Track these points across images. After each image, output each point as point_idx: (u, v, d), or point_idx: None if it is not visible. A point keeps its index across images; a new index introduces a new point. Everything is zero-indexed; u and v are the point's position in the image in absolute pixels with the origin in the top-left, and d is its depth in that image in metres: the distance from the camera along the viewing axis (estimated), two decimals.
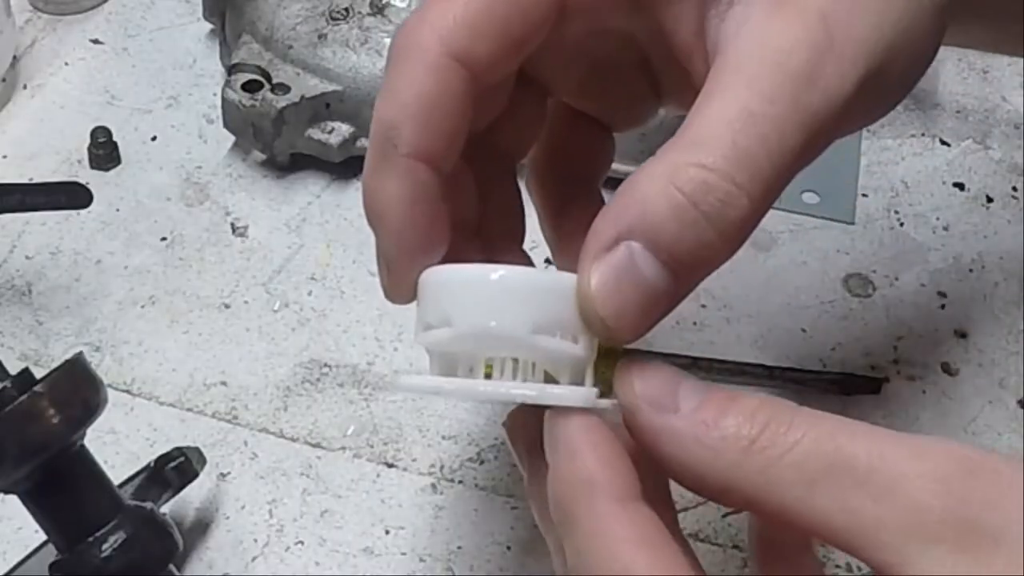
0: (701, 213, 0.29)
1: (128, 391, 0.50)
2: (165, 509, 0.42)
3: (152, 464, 0.44)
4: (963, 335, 0.53)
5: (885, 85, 0.32)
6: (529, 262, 0.39)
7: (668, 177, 0.29)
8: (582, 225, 0.31)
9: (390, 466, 0.48)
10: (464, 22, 0.32)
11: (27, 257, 0.55)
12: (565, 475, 0.29)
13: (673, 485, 0.32)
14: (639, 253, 0.29)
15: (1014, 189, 0.60)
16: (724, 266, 0.31)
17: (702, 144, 0.29)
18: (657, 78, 0.38)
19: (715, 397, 0.29)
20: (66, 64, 0.64)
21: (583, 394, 0.30)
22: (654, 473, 0.30)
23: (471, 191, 0.37)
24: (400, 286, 0.34)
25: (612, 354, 0.32)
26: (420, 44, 0.32)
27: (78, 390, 0.38)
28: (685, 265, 0.29)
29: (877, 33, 0.31)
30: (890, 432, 0.27)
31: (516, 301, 0.30)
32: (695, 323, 0.53)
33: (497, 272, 0.31)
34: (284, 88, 0.57)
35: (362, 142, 0.58)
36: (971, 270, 0.56)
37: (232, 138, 0.59)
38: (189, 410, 0.50)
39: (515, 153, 0.39)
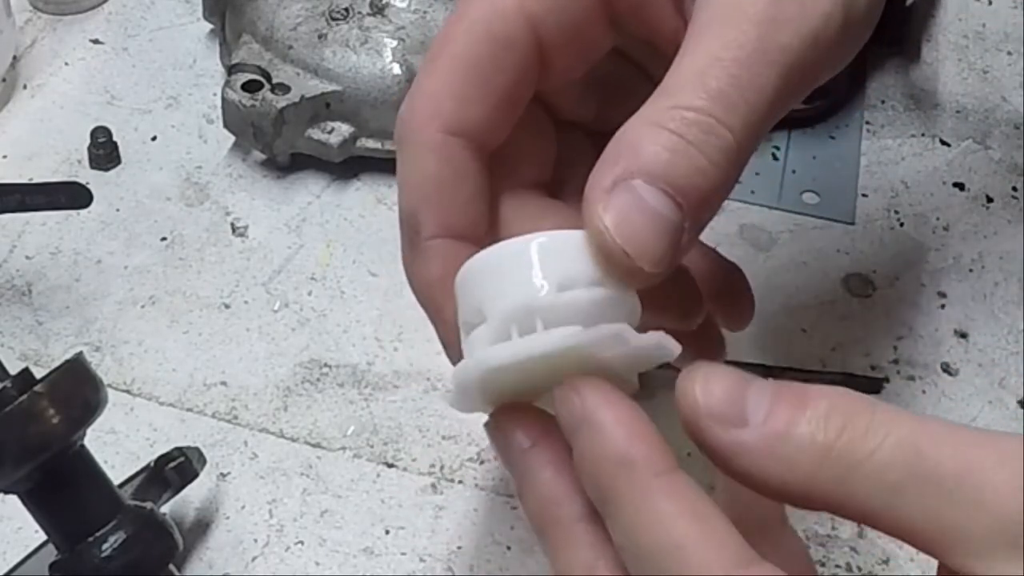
0: (689, 142, 0.30)
1: (128, 391, 0.50)
2: (165, 509, 0.42)
3: (152, 464, 0.44)
4: (963, 335, 0.53)
5: (854, 18, 0.33)
6: None
7: (652, 121, 0.30)
8: None
9: (390, 466, 0.48)
10: (449, 94, 0.33)
11: (27, 257, 0.55)
12: (598, 455, 0.28)
13: None
14: (641, 187, 0.30)
15: (1014, 189, 0.60)
16: None
17: (677, 91, 0.31)
18: (652, 74, 0.38)
19: (784, 402, 0.28)
20: (66, 64, 0.64)
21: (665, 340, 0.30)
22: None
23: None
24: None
25: None
26: (415, 126, 0.33)
27: (78, 390, 0.38)
28: (686, 194, 0.30)
29: None
30: (971, 432, 0.27)
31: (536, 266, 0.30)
32: None
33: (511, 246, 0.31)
34: (284, 88, 0.57)
35: (362, 142, 0.58)
36: (971, 270, 0.56)
37: (232, 138, 0.59)
38: (189, 410, 0.50)
39: (537, 173, 0.38)
